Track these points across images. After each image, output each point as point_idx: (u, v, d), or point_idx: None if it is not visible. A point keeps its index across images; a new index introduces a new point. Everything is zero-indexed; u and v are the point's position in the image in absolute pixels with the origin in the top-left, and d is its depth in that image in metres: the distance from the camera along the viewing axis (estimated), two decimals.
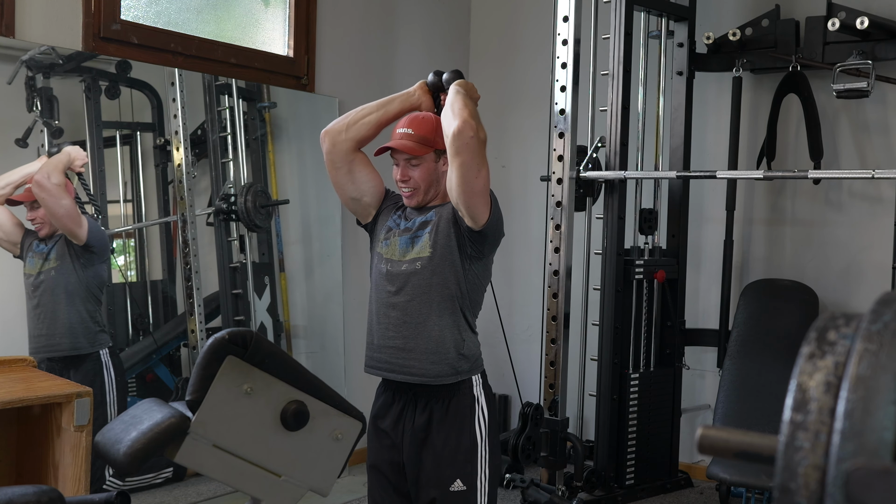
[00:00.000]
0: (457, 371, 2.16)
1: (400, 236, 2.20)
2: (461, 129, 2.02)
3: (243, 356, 1.66)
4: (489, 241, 2.17)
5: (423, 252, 2.15)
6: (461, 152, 2.03)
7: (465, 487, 2.14)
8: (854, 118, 3.84)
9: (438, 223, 2.16)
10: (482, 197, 2.09)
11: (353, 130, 2.22)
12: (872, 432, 0.53)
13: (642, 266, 3.78)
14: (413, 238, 2.18)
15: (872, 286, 3.76)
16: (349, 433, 1.81)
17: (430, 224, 2.17)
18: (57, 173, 3.05)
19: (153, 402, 1.73)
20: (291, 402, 1.71)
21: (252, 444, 1.69)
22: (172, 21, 3.60)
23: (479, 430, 2.18)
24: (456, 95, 2.11)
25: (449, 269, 2.14)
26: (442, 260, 2.14)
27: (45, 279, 3.08)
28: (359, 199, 2.28)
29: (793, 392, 0.56)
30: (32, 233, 3.10)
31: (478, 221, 2.11)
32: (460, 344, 2.16)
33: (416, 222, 2.20)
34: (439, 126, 2.14)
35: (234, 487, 1.73)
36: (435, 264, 2.14)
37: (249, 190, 3.78)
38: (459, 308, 2.16)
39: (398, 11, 4.49)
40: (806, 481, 0.54)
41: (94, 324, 3.17)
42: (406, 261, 2.17)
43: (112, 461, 1.63)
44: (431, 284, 2.14)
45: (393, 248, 2.20)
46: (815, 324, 0.60)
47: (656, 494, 3.85)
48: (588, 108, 3.80)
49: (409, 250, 2.18)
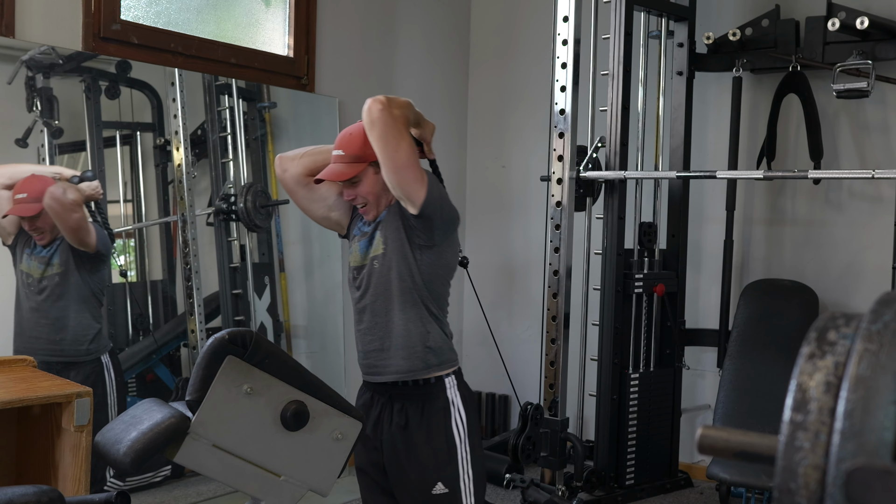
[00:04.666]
0: (427, 365, 2.16)
1: (359, 241, 2.23)
2: (369, 106, 2.05)
3: (243, 356, 1.66)
4: (437, 226, 2.14)
5: (377, 250, 2.17)
6: (374, 126, 2.04)
7: (447, 490, 2.13)
8: (854, 118, 3.84)
9: (387, 218, 2.17)
10: (410, 171, 2.06)
11: (306, 160, 2.26)
12: (872, 432, 0.53)
13: (642, 280, 3.79)
14: (369, 239, 2.20)
15: (872, 286, 3.76)
16: (349, 433, 1.81)
17: (382, 222, 2.19)
18: (73, 190, 3.03)
19: (153, 402, 1.73)
20: (291, 402, 1.71)
21: (252, 444, 1.69)
22: (172, 21, 3.60)
23: (457, 431, 2.17)
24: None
25: (402, 262, 2.14)
26: (394, 253, 2.15)
27: (49, 285, 3.05)
28: (328, 217, 2.32)
29: (793, 392, 0.56)
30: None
31: (415, 202, 2.08)
32: (425, 336, 2.16)
33: (371, 224, 2.22)
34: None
35: (234, 487, 1.73)
36: (388, 259, 2.15)
37: (249, 190, 3.78)
38: (420, 300, 2.15)
39: (398, 11, 4.49)
40: (806, 481, 0.54)
41: (98, 328, 3.15)
42: (366, 263, 2.20)
43: (112, 461, 1.63)
44: (389, 279, 2.15)
45: (356, 254, 2.24)
46: (815, 324, 0.60)
47: (656, 494, 3.85)
48: (588, 108, 3.79)
49: (367, 252, 2.20)
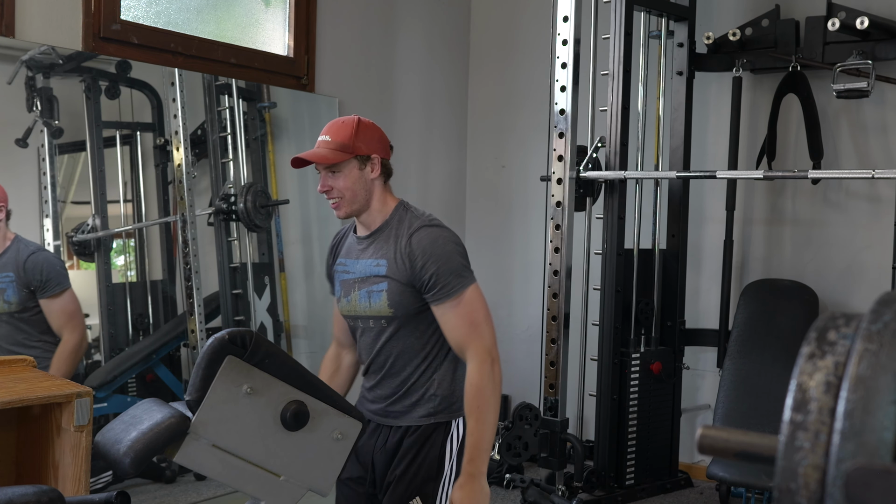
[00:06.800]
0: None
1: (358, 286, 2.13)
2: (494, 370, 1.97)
3: (243, 356, 1.66)
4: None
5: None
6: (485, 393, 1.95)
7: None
8: (854, 118, 3.84)
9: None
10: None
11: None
12: (872, 432, 0.53)
13: (638, 359, 3.77)
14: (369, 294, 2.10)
15: (872, 286, 3.76)
16: (349, 433, 1.81)
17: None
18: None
19: (153, 402, 1.73)
20: (291, 402, 1.71)
21: (252, 444, 1.69)
22: (172, 21, 3.60)
23: (450, 448, 2.05)
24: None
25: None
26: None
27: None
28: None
29: (793, 392, 0.56)
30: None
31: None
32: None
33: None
34: (361, 130, 2.00)
35: (234, 487, 1.73)
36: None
37: (249, 190, 3.78)
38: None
39: (398, 11, 4.49)
40: (806, 481, 0.54)
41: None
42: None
43: (112, 461, 1.63)
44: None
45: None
46: (815, 324, 0.60)
47: (656, 494, 3.85)
48: (588, 108, 3.79)
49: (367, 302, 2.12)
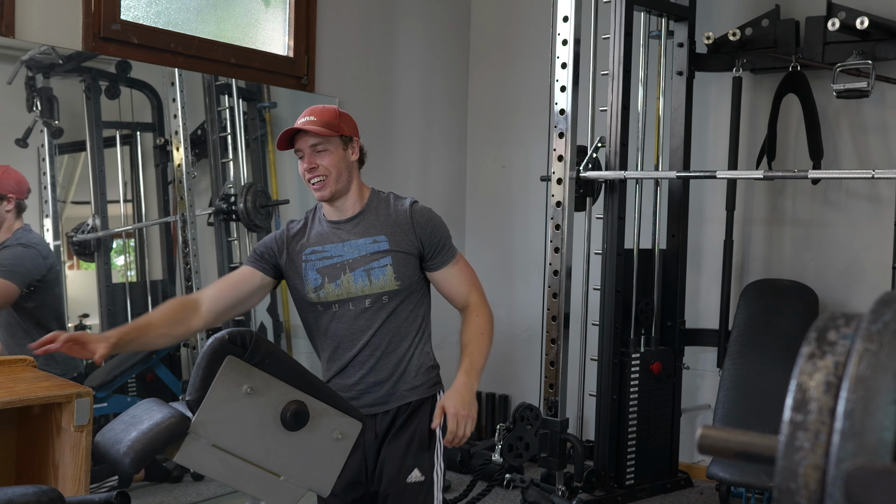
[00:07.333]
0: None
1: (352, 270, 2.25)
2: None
3: (243, 356, 1.66)
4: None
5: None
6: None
7: (422, 478, 2.12)
8: (854, 118, 3.84)
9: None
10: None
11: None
12: (872, 432, 0.53)
13: (638, 359, 3.78)
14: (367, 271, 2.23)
15: (872, 286, 3.76)
16: (349, 433, 1.81)
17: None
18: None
19: (153, 402, 1.73)
20: (291, 402, 1.71)
21: (252, 444, 1.69)
22: (172, 21, 3.60)
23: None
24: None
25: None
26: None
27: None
28: (265, 289, 2.32)
29: (793, 392, 0.56)
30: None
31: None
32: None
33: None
34: (342, 114, 2.16)
35: (234, 487, 1.73)
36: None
37: (249, 190, 3.78)
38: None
39: (398, 11, 4.49)
40: (806, 481, 0.54)
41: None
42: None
43: (112, 461, 1.63)
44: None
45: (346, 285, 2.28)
46: (815, 324, 0.60)
47: (656, 494, 3.85)
48: (588, 108, 3.79)
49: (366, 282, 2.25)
